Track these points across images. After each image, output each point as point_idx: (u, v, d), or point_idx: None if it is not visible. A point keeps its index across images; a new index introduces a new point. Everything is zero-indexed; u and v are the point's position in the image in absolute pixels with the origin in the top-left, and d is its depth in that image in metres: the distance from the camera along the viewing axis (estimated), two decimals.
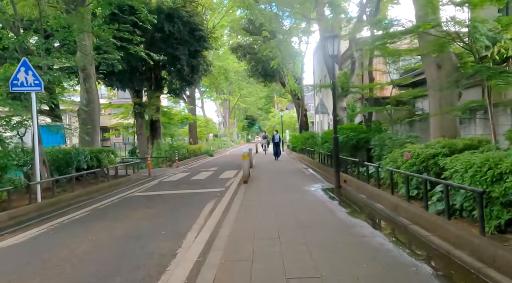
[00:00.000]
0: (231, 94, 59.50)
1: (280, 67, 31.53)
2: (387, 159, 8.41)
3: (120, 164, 15.28)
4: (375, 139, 11.22)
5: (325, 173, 13.28)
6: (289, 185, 10.67)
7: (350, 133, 12.96)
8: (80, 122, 14.21)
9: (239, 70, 48.40)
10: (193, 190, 10.66)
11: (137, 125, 21.39)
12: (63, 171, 11.08)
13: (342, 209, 7.10)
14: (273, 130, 63.08)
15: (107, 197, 9.88)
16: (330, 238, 5.04)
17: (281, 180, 11.94)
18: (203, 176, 14.55)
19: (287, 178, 12.55)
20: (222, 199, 8.77)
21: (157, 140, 22.55)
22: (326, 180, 11.83)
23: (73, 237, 5.76)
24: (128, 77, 19.53)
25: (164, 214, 7.28)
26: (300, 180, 12.08)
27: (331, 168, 13.21)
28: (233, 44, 35.84)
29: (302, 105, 31.88)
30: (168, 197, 9.56)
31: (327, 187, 10.30)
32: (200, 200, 8.70)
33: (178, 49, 18.88)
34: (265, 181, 11.95)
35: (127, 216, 7.25)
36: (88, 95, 14.05)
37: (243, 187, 10.40)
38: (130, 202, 9.07)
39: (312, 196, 8.76)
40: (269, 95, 74.20)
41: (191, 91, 36.25)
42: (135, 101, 21.15)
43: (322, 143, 15.13)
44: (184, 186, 11.70)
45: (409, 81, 13.12)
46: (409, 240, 4.98)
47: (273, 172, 14.76)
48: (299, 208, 7.17)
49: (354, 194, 8.71)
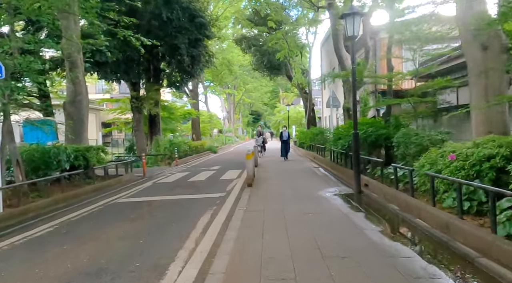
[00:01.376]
0: (235, 89, 57.98)
1: (286, 59, 29.96)
2: (422, 160, 6.88)
3: (113, 163, 13.87)
4: (398, 136, 9.69)
5: (339, 174, 11.77)
6: (300, 189, 9.18)
7: (368, 129, 11.44)
8: (65, 117, 12.79)
9: (244, 63, 46.89)
10: (189, 195, 9.20)
11: (134, 120, 19.97)
12: (41, 173, 9.68)
13: (372, 225, 5.59)
14: (279, 126, 61.62)
15: (88, 204, 8.45)
16: (369, 278, 3.55)
17: (290, 182, 10.44)
18: (203, 176, 13.09)
19: (297, 180, 11.06)
20: (222, 208, 7.31)
21: (156, 137, 21.13)
22: (342, 183, 10.32)
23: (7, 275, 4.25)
24: (123, 69, 18.08)
25: (146, 231, 5.81)
26: (312, 182, 10.58)
27: (346, 168, 11.72)
28: (237, 35, 34.23)
29: (310, 100, 30.30)
30: (158, 204, 8.10)
31: (345, 192, 8.78)
32: (195, 210, 7.24)
33: (177, 38, 17.36)
34: (272, 183, 10.47)
35: (100, 234, 5.79)
36: (74, 87, 12.61)
37: (247, 192, 8.93)
38: (111, 211, 7.63)
39: (330, 205, 7.26)
40: (275, 90, 72.63)
41: (193, 86, 34.84)
42: (132, 95, 19.70)
43: (335, 139, 13.60)
44: (179, 189, 10.24)
45: (435, 69, 11.54)
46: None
47: (281, 172, 13.27)
48: (317, 224, 5.68)
49: (381, 202, 7.20)
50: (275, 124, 68.06)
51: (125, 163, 13.85)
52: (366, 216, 6.28)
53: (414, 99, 10.68)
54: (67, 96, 12.78)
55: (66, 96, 12.79)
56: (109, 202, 8.60)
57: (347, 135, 12.21)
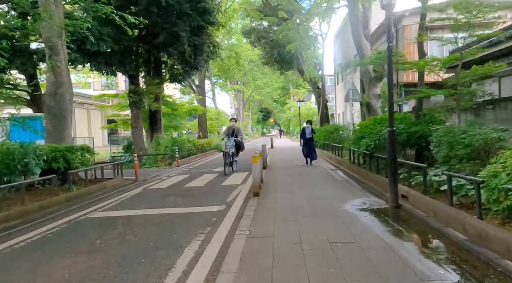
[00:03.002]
0: (245, 85, 56.15)
1: (298, 51, 28.02)
2: (494, 168, 4.97)
3: (101, 165, 12.17)
4: (439, 134, 7.78)
5: (364, 179, 9.86)
6: (320, 201, 7.32)
7: (398, 126, 9.51)
8: (45, 112, 11.11)
9: (253, 58, 45.03)
10: (181, 208, 7.40)
11: (132, 116, 18.28)
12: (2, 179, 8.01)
13: (439, 270, 3.68)
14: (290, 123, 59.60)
15: (50, 220, 6.71)
16: None
17: (305, 191, 8.58)
18: (203, 180, 11.30)
19: (314, 186, 9.19)
20: (217, 230, 5.49)
21: (157, 135, 19.44)
22: (369, 191, 8.43)
23: None
24: (118, 59, 16.39)
25: (100, 275, 4.02)
26: (332, 190, 8.70)
27: (372, 172, 9.82)
28: (246, 27, 32.33)
29: (323, 95, 28.33)
30: (138, 222, 6.32)
31: (377, 205, 6.89)
32: (182, 233, 5.43)
33: (178, 25, 15.58)
34: (282, 191, 8.62)
35: (34, 279, 4.00)
36: (55, 77, 10.89)
37: (252, 204, 7.11)
38: (72, 233, 5.85)
39: (363, 227, 5.38)
40: (285, 87, 70.71)
41: (200, 81, 33.16)
42: (130, 89, 18.02)
43: (357, 138, 11.67)
44: (171, 199, 8.45)
45: (484, 53, 9.57)
46: None
47: (294, 176, 11.42)
48: (353, 265, 3.82)
49: (432, 225, 5.29)
50: (285, 122, 66.16)
51: (115, 165, 12.11)
52: (421, 249, 4.39)
53: (464, 91, 8.71)
54: (46, 87, 11.07)
55: (46, 87, 11.09)
56: (79, 217, 6.85)
57: (372, 133, 10.31)
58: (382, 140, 9.62)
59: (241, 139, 13.35)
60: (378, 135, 9.88)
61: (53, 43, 10.80)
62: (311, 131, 14.95)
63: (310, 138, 14.92)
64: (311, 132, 14.93)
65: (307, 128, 15.11)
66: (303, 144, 15.14)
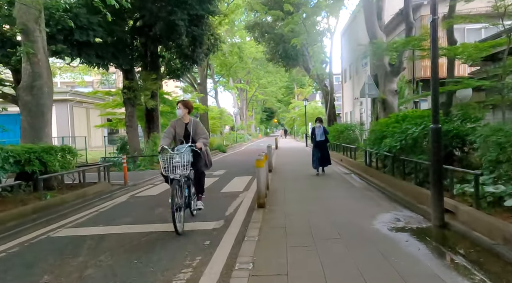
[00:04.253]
0: (248, 84, 54.71)
1: (304, 47, 26.57)
2: None
3: (85, 167, 10.77)
4: (484, 134, 6.34)
5: (386, 186, 8.38)
6: (341, 216, 5.87)
7: (428, 124, 8.04)
8: (21, 108, 9.73)
9: (257, 56, 43.58)
10: (167, 223, 5.94)
11: (126, 115, 16.88)
12: None
13: None
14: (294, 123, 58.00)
15: (0, 240, 5.31)
16: None
17: (321, 201, 7.13)
18: None
19: (330, 195, 7.74)
20: (209, 264, 4.03)
21: (154, 134, 18.04)
22: (396, 201, 6.98)
23: None
24: (111, 52, 15.00)
25: None
26: (353, 200, 7.25)
27: (396, 178, 8.38)
28: (250, 21, 30.88)
29: (331, 93, 26.86)
30: (107, 246, 4.88)
31: (416, 223, 5.42)
32: (161, 266, 3.99)
33: (175, 13, 14.15)
34: (292, 200, 7.18)
35: None
36: (31, 68, 9.50)
37: (256, 220, 5.67)
38: (18, 263, 4.37)
39: (411, 261, 3.90)
40: (289, 86, 69.22)
41: (202, 79, 31.80)
42: (124, 84, 16.62)
43: (376, 138, 10.21)
44: (159, 211, 7.01)
45: None
46: None
47: (303, 181, 9.97)
48: None
49: (506, 257, 3.85)
50: (290, 122, 64.63)
51: (101, 167, 10.68)
52: None
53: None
54: (22, 80, 9.68)
55: (22, 80, 9.71)
56: (38, 237, 5.43)
57: (396, 132, 8.85)
58: (409, 141, 8.17)
59: (205, 146, 6.06)
60: (404, 134, 8.41)
61: (28, 28, 9.42)
62: (323, 132, 11.66)
63: (322, 141, 11.62)
64: (323, 133, 11.63)
65: (317, 128, 11.73)
66: (315, 146, 11.70)
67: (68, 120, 34.75)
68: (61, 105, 34.43)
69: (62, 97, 33.94)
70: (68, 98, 33.99)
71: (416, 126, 8.23)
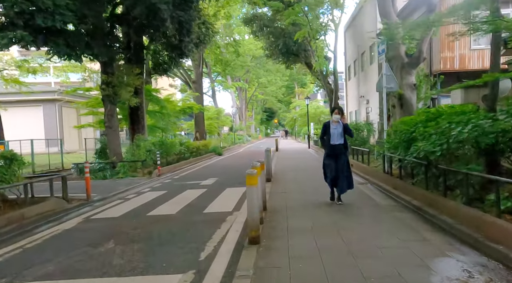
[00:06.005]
0: (247, 83, 52.62)
1: (306, 41, 24.47)
2: None
3: (36, 178, 8.67)
4: None
5: (422, 204, 6.26)
6: (374, 262, 3.77)
7: (478, 122, 5.96)
8: None
9: (256, 54, 41.51)
10: (105, 277, 3.87)
11: (105, 114, 14.78)
12: None
13: None
14: (295, 123, 55.77)
15: None
16: None
17: (339, 230, 5.03)
18: (180, 202, 7.79)
19: (351, 222, 5.64)
20: None
21: (139, 136, 15.98)
22: (443, 230, 4.89)
23: None
24: (85, 41, 12.92)
25: None
26: (383, 229, 5.14)
27: (429, 192, 6.33)
28: (248, 14, 28.80)
29: (336, 90, 24.77)
30: None
31: (497, 280, 3.35)
32: None
33: None
34: (300, 232, 5.08)
35: None
36: None
37: (244, 273, 3.59)
38: None
39: None
40: (290, 85, 67.12)
41: (197, 76, 29.73)
42: (103, 79, 14.52)
43: (401, 140, 8.12)
44: (107, 248, 4.90)
45: None
46: None
47: (311, 195, 7.88)
48: None
49: None
50: (290, 122, 62.47)
51: (63, 177, 8.54)
52: None
53: None
54: None
55: None
56: None
57: (432, 133, 6.75)
58: (453, 145, 6.09)
59: None
60: (445, 136, 6.30)
61: None
62: (343, 131, 7.11)
63: (340, 146, 7.06)
64: (343, 134, 7.09)
65: (333, 125, 7.08)
66: (327, 155, 7.22)
67: (57, 121, 32.71)
68: (49, 105, 32.33)
69: (50, 97, 31.88)
70: (56, 98, 31.94)
71: (461, 125, 6.15)
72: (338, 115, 7.10)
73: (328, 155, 7.17)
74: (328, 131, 7.13)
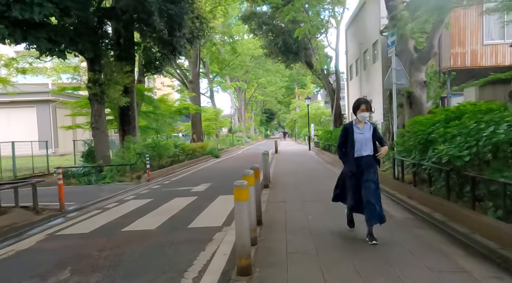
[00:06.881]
0: (246, 83, 51.63)
1: (307, 38, 23.54)
2: None
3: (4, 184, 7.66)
4: None
5: (446, 219, 5.27)
6: None
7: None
8: None
9: (255, 53, 40.52)
10: None
11: (92, 114, 13.80)
12: None
13: None
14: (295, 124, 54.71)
15: None
16: None
17: (351, 256, 4.05)
18: (164, 213, 6.81)
19: (365, 243, 4.67)
20: None
21: (129, 138, 15.00)
22: (479, 254, 3.89)
23: None
24: (69, 36, 11.97)
25: None
26: (406, 251, 4.15)
27: (452, 203, 5.35)
28: (246, 12, 27.86)
29: (338, 90, 23.84)
30: None
31: None
32: None
33: None
34: (302, 257, 4.09)
35: None
36: None
37: None
38: None
39: None
40: (289, 86, 66.19)
41: (194, 76, 28.72)
42: (90, 77, 13.56)
43: (416, 142, 7.14)
44: (58, 280, 3.93)
45: None
46: None
47: (314, 204, 6.88)
48: None
49: None
50: (290, 123, 61.46)
51: (33, 185, 7.55)
52: None
53: None
54: None
55: None
56: None
57: (456, 134, 5.77)
58: (483, 149, 5.12)
59: None
60: (473, 138, 5.32)
61: None
62: (372, 137, 4.70)
63: (370, 158, 4.70)
64: (372, 139, 4.70)
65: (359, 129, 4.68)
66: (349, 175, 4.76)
67: (50, 122, 31.73)
68: (42, 106, 31.36)
69: (43, 98, 30.91)
70: (50, 99, 30.98)
71: (492, 124, 5.19)
72: (367, 113, 4.62)
73: (351, 173, 4.69)
74: (351, 137, 4.64)
